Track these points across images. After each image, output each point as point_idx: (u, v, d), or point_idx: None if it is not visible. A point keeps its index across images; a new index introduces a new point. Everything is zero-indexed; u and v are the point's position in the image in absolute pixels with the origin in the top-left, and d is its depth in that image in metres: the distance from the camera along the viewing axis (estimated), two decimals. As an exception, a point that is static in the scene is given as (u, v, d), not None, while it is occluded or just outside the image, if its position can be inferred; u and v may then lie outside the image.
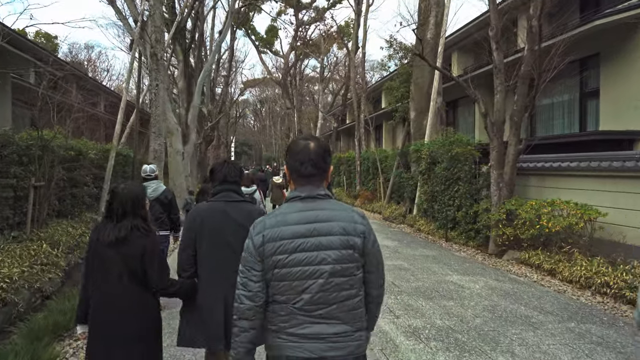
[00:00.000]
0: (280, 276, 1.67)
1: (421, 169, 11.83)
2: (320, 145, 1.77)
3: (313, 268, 1.66)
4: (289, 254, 1.66)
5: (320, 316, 1.67)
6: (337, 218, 1.69)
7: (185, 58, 19.98)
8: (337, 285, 1.67)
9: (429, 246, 9.42)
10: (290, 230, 1.67)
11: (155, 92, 10.46)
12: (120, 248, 2.39)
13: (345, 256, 1.67)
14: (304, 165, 1.73)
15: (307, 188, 1.74)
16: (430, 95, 13.45)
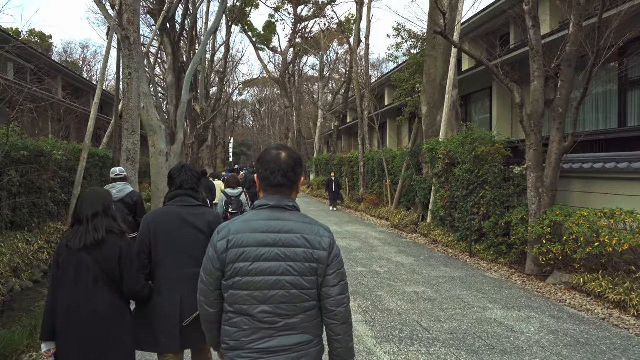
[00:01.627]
0: (242, 285, 1.65)
1: (437, 170, 10.31)
2: (291, 156, 1.75)
3: (276, 278, 1.63)
4: (252, 262, 1.64)
5: (281, 328, 1.65)
6: (303, 230, 1.68)
7: (175, 51, 18.46)
8: (299, 297, 1.65)
9: (451, 263, 7.89)
10: (255, 238, 1.66)
11: (128, 83, 8.94)
12: (95, 251, 2.36)
13: (309, 269, 1.65)
14: (274, 175, 1.71)
15: (276, 197, 1.72)
16: (444, 87, 11.94)
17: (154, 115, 12.25)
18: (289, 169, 1.72)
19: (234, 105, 57.79)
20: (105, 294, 2.37)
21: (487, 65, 7.96)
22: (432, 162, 10.73)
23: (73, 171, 10.93)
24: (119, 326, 2.42)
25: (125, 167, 9.03)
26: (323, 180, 25.59)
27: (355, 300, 5.54)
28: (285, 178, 1.72)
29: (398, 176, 14.38)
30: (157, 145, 12.39)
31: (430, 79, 12.19)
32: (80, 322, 2.32)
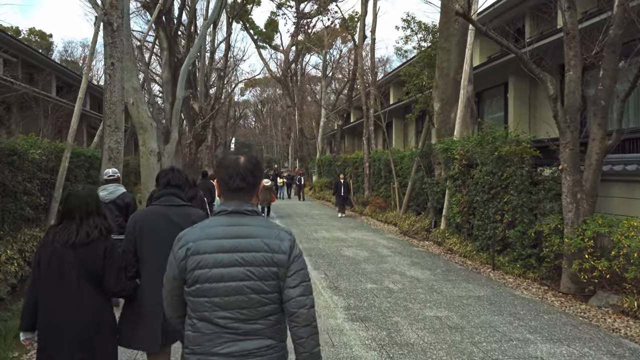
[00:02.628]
0: (203, 291, 1.64)
1: (452, 173, 9.37)
2: (250, 160, 1.72)
3: (235, 284, 1.62)
4: (211, 268, 1.63)
5: (244, 333, 1.64)
6: (262, 235, 1.67)
7: (171, 46, 17.60)
8: (259, 302, 1.64)
9: (473, 278, 6.95)
10: (215, 244, 1.65)
11: (110, 74, 8.03)
12: (81, 249, 2.36)
13: (269, 273, 1.64)
14: (232, 179, 1.69)
15: (234, 202, 1.71)
16: (458, 82, 11.01)
17: (144, 112, 11.37)
18: (247, 172, 1.70)
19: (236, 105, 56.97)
20: (88, 291, 2.37)
21: (516, 53, 7.02)
22: (447, 163, 9.79)
23: (55, 172, 10.03)
24: (102, 323, 2.42)
25: (107, 167, 8.15)
26: (326, 182, 24.66)
27: (368, 330, 4.61)
28: (244, 182, 1.70)
29: (407, 178, 13.44)
30: (147, 144, 11.52)
31: (443, 73, 11.26)
32: (63, 319, 2.32)
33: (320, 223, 13.68)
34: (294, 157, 40.15)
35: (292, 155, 43.61)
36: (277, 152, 61.32)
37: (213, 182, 12.16)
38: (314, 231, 11.74)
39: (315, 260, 8.13)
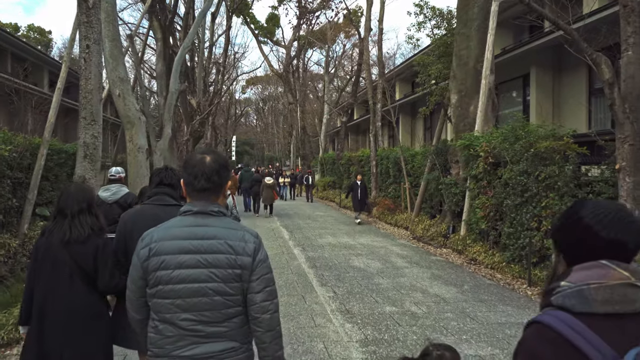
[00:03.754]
0: (165, 293, 1.62)
1: (475, 172, 8.29)
2: (216, 160, 1.72)
3: (198, 286, 1.60)
4: (173, 269, 1.61)
5: (206, 335, 1.62)
6: (227, 236, 1.65)
7: (165, 36, 16.52)
8: (223, 304, 1.62)
9: (510, 298, 5.89)
10: (177, 245, 1.63)
11: (86, 58, 6.97)
12: (74, 247, 2.37)
13: (232, 276, 1.62)
14: (197, 179, 1.68)
15: (200, 203, 1.69)
16: (479, 72, 9.92)
17: (131, 105, 10.33)
18: (212, 172, 1.69)
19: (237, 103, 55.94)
20: (80, 288, 2.37)
21: (565, 29, 5.92)
22: (468, 161, 8.72)
23: (31, 171, 9.01)
24: (94, 320, 2.40)
25: (83, 167, 7.10)
26: (330, 181, 23.59)
27: (394, 378, 3.56)
28: (209, 182, 1.68)
29: (419, 178, 12.37)
30: (135, 140, 10.48)
31: (462, 62, 10.19)
32: (56, 315, 2.33)
33: (325, 226, 12.62)
34: (296, 155, 39.10)
35: (293, 154, 42.55)
36: (279, 151, 60.28)
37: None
38: (318, 236, 10.69)
39: (322, 273, 7.07)
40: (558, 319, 1.01)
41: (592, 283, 1.01)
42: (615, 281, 1.00)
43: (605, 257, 1.03)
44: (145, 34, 17.32)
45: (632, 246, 1.03)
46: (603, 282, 1.00)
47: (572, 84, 11.43)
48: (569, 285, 1.04)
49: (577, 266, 1.06)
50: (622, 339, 0.96)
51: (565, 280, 1.05)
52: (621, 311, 0.99)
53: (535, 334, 1.04)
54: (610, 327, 0.98)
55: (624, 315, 0.99)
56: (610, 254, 1.03)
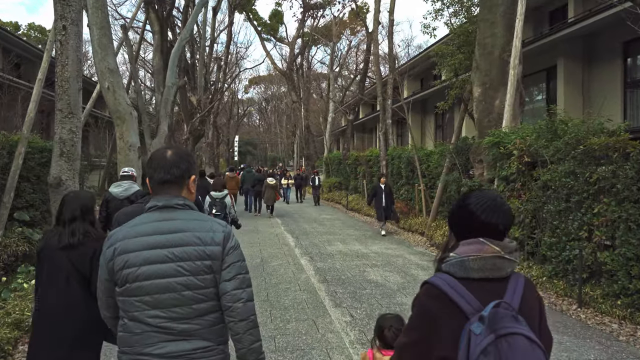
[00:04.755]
0: (131, 291, 1.59)
1: (506, 173, 7.33)
2: (176, 153, 1.71)
3: (165, 281, 1.57)
4: (139, 266, 1.58)
5: (177, 333, 1.58)
6: (194, 228, 1.63)
7: (163, 29, 15.64)
8: (193, 299, 1.59)
9: (562, 323, 4.93)
10: (142, 241, 1.61)
11: (62, 40, 6.04)
12: (71, 251, 2.43)
13: (202, 267, 1.60)
14: (157, 172, 1.68)
15: (164, 197, 1.67)
16: (505, 62, 8.97)
17: (122, 99, 9.40)
18: (172, 165, 1.67)
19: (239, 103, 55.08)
20: (76, 291, 2.41)
21: None
22: (497, 161, 7.75)
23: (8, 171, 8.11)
24: (89, 322, 2.39)
25: (59, 166, 6.18)
26: (336, 182, 22.62)
27: None
28: (168, 174, 1.67)
29: (435, 179, 11.41)
30: (126, 137, 9.56)
31: (486, 51, 9.22)
32: (52, 317, 2.38)
33: (333, 231, 11.67)
34: (300, 155, 38.15)
35: (297, 154, 41.62)
36: (282, 151, 59.38)
37: (211, 182, 10.43)
38: (326, 243, 9.74)
39: (334, 289, 6.12)
40: (443, 281, 1.34)
41: (471, 255, 1.33)
42: (488, 254, 1.33)
43: (483, 236, 1.35)
44: (142, 27, 16.39)
45: (502, 227, 1.36)
46: (479, 255, 1.33)
47: (604, 77, 10.47)
48: (454, 256, 1.37)
49: (463, 242, 1.39)
50: (488, 296, 1.28)
51: (454, 252, 1.38)
52: (491, 276, 1.33)
53: (425, 291, 1.38)
54: (481, 287, 1.32)
55: (492, 279, 1.33)
56: (486, 233, 1.36)
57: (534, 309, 1.34)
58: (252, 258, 8.19)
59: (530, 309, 1.32)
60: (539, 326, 1.34)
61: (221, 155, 44.58)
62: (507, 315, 1.22)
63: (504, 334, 1.19)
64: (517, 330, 1.20)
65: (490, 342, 1.18)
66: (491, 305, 1.23)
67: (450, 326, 1.27)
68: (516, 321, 1.23)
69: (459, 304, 1.28)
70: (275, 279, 6.63)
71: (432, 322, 1.31)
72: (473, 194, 1.43)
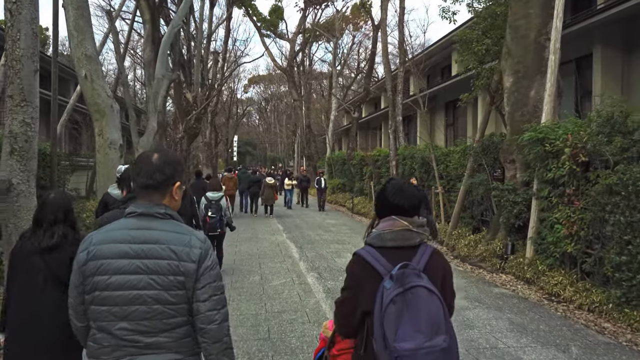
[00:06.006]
0: (101, 300, 1.54)
1: (554, 174, 6.14)
2: (161, 157, 1.65)
3: (136, 293, 1.52)
4: (111, 275, 1.53)
5: (145, 346, 1.53)
6: (171, 241, 1.56)
7: (154, 18, 14.43)
8: (163, 313, 1.53)
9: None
10: (116, 249, 1.55)
11: (12, 10, 4.83)
12: (48, 255, 2.36)
13: (174, 283, 1.53)
14: (139, 176, 1.63)
15: (144, 204, 1.61)
16: (542, 46, 7.81)
17: (101, 90, 8.24)
18: (155, 169, 1.61)
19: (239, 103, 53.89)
20: (53, 297, 2.30)
21: None
22: (541, 160, 6.56)
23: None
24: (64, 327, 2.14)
25: (8, 166, 4.99)
26: (339, 183, 21.44)
27: None
28: (151, 179, 1.60)
29: (454, 181, 10.24)
30: (106, 133, 8.40)
31: (519, 35, 8.03)
32: (28, 322, 2.31)
33: (340, 239, 10.48)
34: (300, 155, 36.97)
35: (298, 154, 40.43)
36: (282, 151, 58.17)
37: (207, 182, 9.42)
38: (335, 254, 8.55)
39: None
40: (365, 251, 1.72)
41: (386, 229, 1.72)
42: (398, 228, 1.70)
43: (394, 214, 1.74)
44: (132, 16, 15.20)
45: (407, 207, 1.74)
46: (392, 229, 1.71)
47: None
48: (375, 231, 1.77)
49: (381, 219, 1.78)
50: (399, 260, 1.61)
51: (375, 228, 1.79)
52: (402, 245, 1.69)
53: (353, 259, 1.75)
54: (394, 254, 1.67)
55: (404, 247, 1.69)
56: (397, 212, 1.74)
57: (437, 272, 1.67)
58: (249, 274, 7.00)
59: (434, 270, 1.66)
60: (442, 285, 1.66)
61: (220, 155, 43.41)
62: (412, 273, 1.58)
63: (410, 287, 1.55)
64: (420, 283, 1.56)
65: (397, 294, 1.54)
66: (399, 266, 1.58)
67: (370, 285, 1.62)
68: (419, 277, 1.58)
69: (375, 267, 1.65)
70: (277, 305, 5.43)
71: (358, 283, 1.69)
72: (389, 183, 1.84)
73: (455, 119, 18.05)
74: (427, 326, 1.51)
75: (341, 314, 1.75)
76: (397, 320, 1.51)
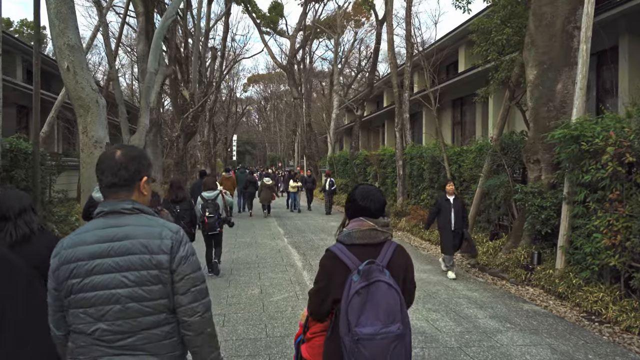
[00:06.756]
0: (76, 302, 1.51)
1: (593, 177, 5.43)
2: (125, 154, 1.59)
3: (109, 292, 1.48)
4: (84, 277, 1.50)
5: (122, 347, 1.48)
6: (140, 235, 1.52)
7: (148, 10, 13.70)
8: (139, 311, 1.49)
9: None
10: (86, 250, 1.51)
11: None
12: (25, 250, 2.19)
13: (148, 278, 1.49)
14: (104, 174, 1.57)
15: (111, 202, 1.57)
16: (570, 34, 7.11)
17: (86, 83, 7.52)
18: (120, 166, 1.56)
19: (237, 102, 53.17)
20: (40, 292, 2.06)
21: None
22: (575, 161, 5.85)
23: None
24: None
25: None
26: (341, 184, 20.70)
27: None
28: (116, 177, 1.56)
29: (469, 184, 9.53)
30: (90, 131, 7.71)
31: (544, 23, 7.32)
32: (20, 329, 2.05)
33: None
34: (301, 154, 36.25)
35: (298, 153, 39.72)
36: (282, 150, 57.47)
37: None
38: (341, 262, 7.87)
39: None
40: (336, 247, 1.96)
41: (354, 229, 1.96)
42: (366, 227, 1.95)
43: (362, 216, 1.98)
44: (125, 8, 14.48)
45: (373, 210, 1.99)
46: (359, 228, 1.95)
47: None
48: (345, 230, 2.01)
49: (351, 220, 2.03)
50: (366, 256, 1.88)
51: (345, 227, 2.03)
52: (368, 242, 1.94)
53: (325, 255, 1.98)
54: (361, 250, 1.91)
55: (370, 245, 1.93)
56: (364, 213, 1.99)
57: (400, 267, 1.93)
58: (248, 286, 6.30)
59: (397, 266, 1.92)
60: (404, 279, 1.95)
61: (219, 154, 42.70)
62: (377, 269, 1.83)
63: (373, 281, 1.80)
64: (381, 279, 1.81)
65: (362, 286, 1.79)
66: (365, 262, 1.84)
67: (340, 277, 1.87)
68: (382, 273, 1.83)
69: (345, 262, 1.89)
70: (280, 327, 4.73)
71: (329, 275, 1.92)
72: (358, 187, 2.09)
73: (463, 118, 17.35)
74: (384, 315, 1.77)
75: (314, 302, 1.99)
76: (360, 309, 1.77)
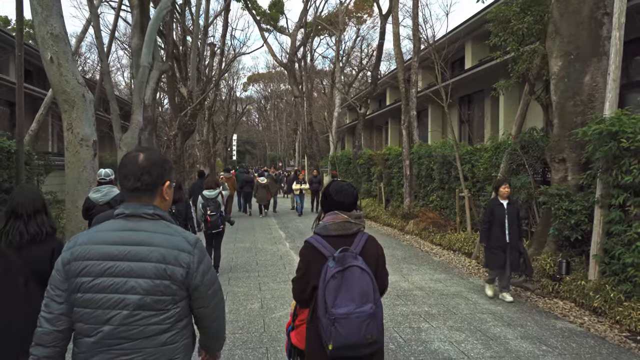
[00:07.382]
0: (83, 302, 1.48)
1: (636, 179, 4.82)
2: (148, 158, 1.58)
3: (118, 297, 1.46)
4: (94, 277, 1.47)
5: (122, 353, 1.46)
6: (158, 243, 1.50)
7: (143, 3, 13.10)
8: (145, 319, 1.47)
9: None
10: (101, 250, 1.49)
11: None
12: (29, 249, 2.27)
13: (159, 287, 1.47)
14: (127, 179, 1.57)
15: (132, 205, 1.57)
16: (599, 22, 6.51)
17: (70, 75, 6.91)
18: (143, 171, 1.56)
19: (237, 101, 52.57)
20: (37, 294, 2.07)
21: None
22: (612, 160, 5.24)
23: None
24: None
25: None
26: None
27: None
28: (139, 181, 1.55)
29: (483, 184, 8.92)
30: (76, 127, 7.13)
31: (569, 10, 6.71)
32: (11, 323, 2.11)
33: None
34: (302, 154, 35.64)
35: (299, 153, 39.12)
36: (282, 150, 56.87)
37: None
38: (348, 270, 7.27)
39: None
40: (313, 238, 2.20)
41: (330, 222, 2.21)
42: (340, 220, 2.19)
43: (337, 209, 2.23)
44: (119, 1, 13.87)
45: (347, 204, 2.24)
46: (334, 221, 2.20)
47: None
48: (321, 223, 2.26)
49: (326, 213, 2.27)
50: (340, 245, 2.11)
51: (321, 221, 2.28)
52: (343, 233, 2.18)
53: (304, 246, 2.24)
54: (336, 241, 2.15)
55: (344, 235, 2.17)
56: (338, 207, 2.24)
57: (372, 255, 2.17)
58: (247, 299, 5.70)
59: (369, 254, 2.15)
60: (376, 266, 2.17)
61: (219, 154, 42.10)
62: (350, 255, 2.07)
63: (347, 267, 2.04)
64: (355, 264, 2.05)
65: (338, 271, 2.03)
66: (340, 250, 2.08)
67: (317, 265, 2.10)
68: (355, 259, 2.07)
69: (322, 251, 2.12)
70: (282, 351, 4.14)
71: (308, 264, 2.17)
72: (332, 184, 2.32)
73: (470, 116, 16.75)
74: (358, 296, 2.01)
75: (296, 289, 2.27)
76: (335, 292, 2.02)
